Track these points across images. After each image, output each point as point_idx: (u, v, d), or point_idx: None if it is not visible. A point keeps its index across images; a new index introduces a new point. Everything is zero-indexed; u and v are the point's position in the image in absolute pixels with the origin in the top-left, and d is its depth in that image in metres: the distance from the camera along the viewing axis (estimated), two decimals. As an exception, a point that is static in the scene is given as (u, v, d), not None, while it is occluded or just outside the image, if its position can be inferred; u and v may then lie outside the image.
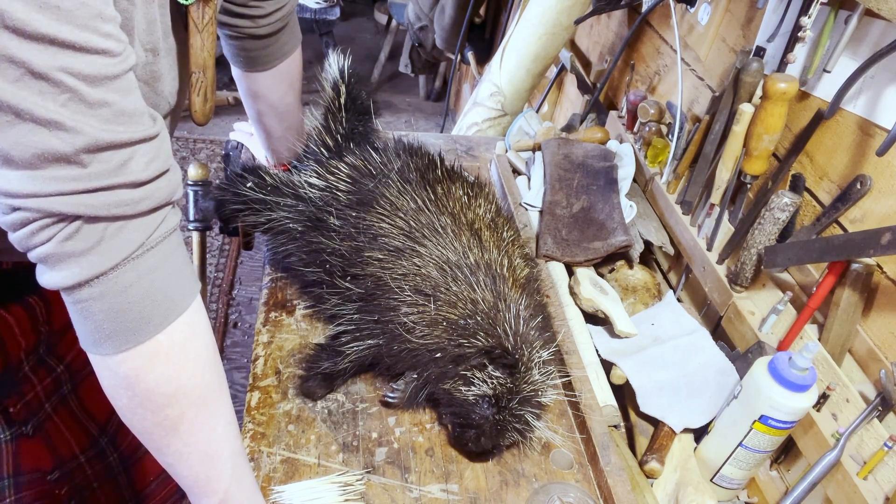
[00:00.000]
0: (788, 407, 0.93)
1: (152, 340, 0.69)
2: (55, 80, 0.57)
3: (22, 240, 0.64)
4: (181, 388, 0.72)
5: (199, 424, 0.75)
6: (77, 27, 0.57)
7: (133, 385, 0.71)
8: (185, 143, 3.70)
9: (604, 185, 1.43)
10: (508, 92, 2.07)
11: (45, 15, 0.55)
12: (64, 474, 1.11)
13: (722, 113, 1.21)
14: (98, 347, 0.69)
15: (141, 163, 0.65)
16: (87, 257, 0.64)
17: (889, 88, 0.96)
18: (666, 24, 1.64)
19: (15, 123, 0.58)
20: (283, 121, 1.29)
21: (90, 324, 0.68)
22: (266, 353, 1.12)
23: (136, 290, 0.67)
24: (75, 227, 0.63)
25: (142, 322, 0.68)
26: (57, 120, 0.58)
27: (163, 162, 0.68)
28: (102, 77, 0.60)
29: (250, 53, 1.14)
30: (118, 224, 0.65)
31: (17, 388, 1.01)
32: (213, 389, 0.77)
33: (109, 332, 0.68)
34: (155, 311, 0.69)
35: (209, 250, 3.01)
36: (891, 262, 0.96)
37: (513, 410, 0.96)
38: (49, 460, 1.08)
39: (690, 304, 1.37)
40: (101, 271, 0.65)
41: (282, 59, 1.17)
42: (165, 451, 0.76)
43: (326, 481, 0.94)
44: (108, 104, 0.61)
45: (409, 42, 4.01)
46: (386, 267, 1.03)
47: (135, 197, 0.65)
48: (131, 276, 0.67)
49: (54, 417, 1.08)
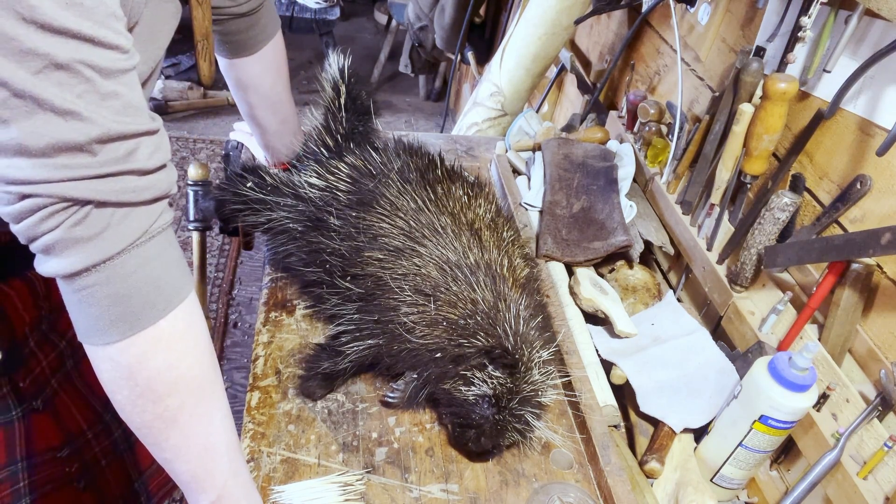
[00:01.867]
0: (788, 407, 0.93)
1: (155, 326, 0.71)
2: (75, 71, 0.61)
3: (30, 227, 0.65)
4: (182, 376, 0.74)
5: (197, 416, 0.76)
6: (96, 23, 0.62)
7: (135, 374, 0.72)
8: (185, 143, 3.70)
9: (604, 185, 1.43)
10: (508, 92, 2.07)
11: (70, 11, 0.59)
12: (73, 451, 1.14)
13: (722, 113, 1.21)
14: (101, 336, 0.70)
15: (146, 153, 0.68)
16: (93, 242, 0.67)
17: (889, 88, 0.96)
18: (666, 24, 1.64)
19: (34, 113, 0.60)
20: (276, 113, 1.29)
21: (94, 311, 0.70)
22: (266, 353, 1.12)
23: (139, 276, 0.70)
24: (85, 212, 0.66)
25: (146, 307, 0.71)
26: (74, 110, 0.62)
27: (163, 155, 0.72)
28: (115, 70, 0.64)
29: (234, 37, 1.16)
30: (124, 211, 0.68)
31: (24, 363, 1.04)
32: (210, 380, 0.78)
33: (114, 317, 0.70)
34: (159, 296, 0.72)
35: (209, 250, 3.01)
36: (891, 262, 0.96)
37: (513, 410, 0.96)
38: (59, 436, 1.11)
39: (690, 304, 1.37)
40: (108, 256, 0.68)
41: (265, 41, 1.20)
42: (164, 445, 0.77)
43: (326, 481, 0.94)
44: (118, 96, 0.65)
45: (409, 42, 4.01)
46: (386, 267, 1.03)
47: (140, 185, 0.69)
48: (135, 263, 0.70)
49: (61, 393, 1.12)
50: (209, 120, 3.95)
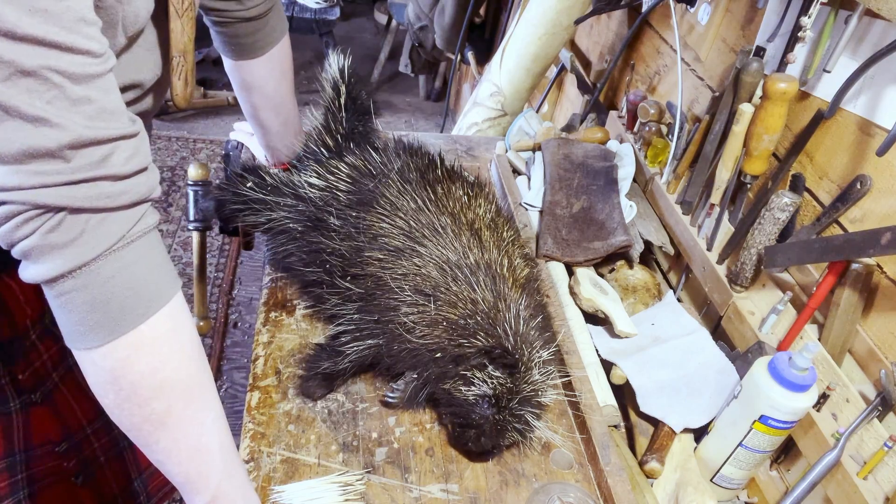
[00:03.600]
0: (788, 407, 0.93)
1: (135, 331, 0.71)
2: (43, 78, 0.60)
3: (6, 234, 0.65)
4: (167, 379, 0.74)
5: (186, 418, 0.76)
6: (64, 29, 0.61)
7: (119, 378, 0.72)
8: (185, 143, 3.70)
9: (604, 185, 1.43)
10: (508, 92, 2.07)
11: (34, 18, 0.58)
12: (72, 446, 1.14)
13: (722, 113, 1.21)
14: (82, 341, 0.71)
15: (122, 157, 0.68)
16: (69, 248, 0.66)
17: (889, 88, 0.96)
18: (666, 24, 1.64)
19: (3, 120, 0.60)
20: (279, 114, 1.29)
21: (74, 317, 0.70)
22: (266, 353, 1.12)
23: (117, 282, 0.69)
24: (59, 218, 0.65)
25: (124, 312, 0.70)
26: (43, 117, 0.61)
27: (142, 159, 0.71)
28: (87, 75, 0.64)
29: (241, 40, 1.15)
30: (100, 216, 0.68)
31: (25, 355, 1.04)
32: (198, 382, 0.78)
33: (93, 323, 0.69)
34: (137, 302, 0.71)
35: (209, 250, 3.01)
36: (891, 262, 0.96)
37: (513, 410, 0.96)
38: (57, 431, 1.11)
39: (690, 304, 1.37)
40: (83, 262, 0.67)
41: (272, 45, 1.19)
42: (155, 447, 0.77)
43: (326, 481, 0.94)
44: (91, 101, 0.64)
45: (409, 42, 4.01)
46: (386, 267, 1.03)
47: (116, 190, 0.68)
48: (112, 268, 0.69)
49: (62, 387, 1.12)
50: (209, 120, 3.95)
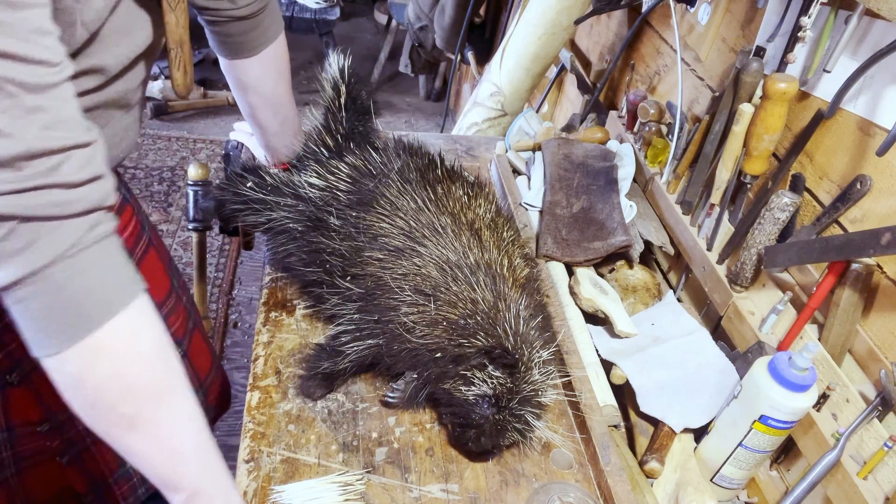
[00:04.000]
0: (788, 407, 0.93)
1: (92, 336, 0.71)
2: None
3: None
4: (132, 384, 0.74)
5: (157, 422, 0.76)
6: (19, 40, 0.61)
7: (82, 383, 0.72)
8: (185, 143, 3.70)
9: (604, 185, 1.43)
10: (508, 92, 2.07)
11: None
12: (54, 426, 1.13)
13: (722, 113, 1.21)
14: (43, 348, 0.71)
15: (74, 166, 0.68)
16: (21, 256, 0.67)
17: (889, 88, 0.96)
18: (666, 24, 1.64)
19: None
20: (277, 114, 1.29)
21: (32, 324, 0.70)
22: (266, 353, 1.12)
23: (71, 288, 0.70)
24: (9, 227, 0.65)
25: (80, 318, 0.70)
26: None
27: (96, 167, 0.70)
28: (42, 85, 0.64)
29: (234, 39, 1.15)
30: (52, 224, 0.68)
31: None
32: (167, 385, 0.77)
33: (50, 330, 0.70)
34: (92, 307, 0.71)
35: (209, 250, 3.01)
36: (891, 262, 0.96)
37: (513, 410, 0.96)
38: (37, 411, 1.10)
39: (690, 304, 1.37)
40: (35, 269, 0.67)
41: (266, 43, 1.18)
42: (127, 451, 0.77)
43: (326, 481, 0.94)
44: (45, 110, 0.64)
45: (409, 42, 4.01)
46: (386, 267, 1.03)
47: (67, 198, 0.68)
48: (65, 275, 0.69)
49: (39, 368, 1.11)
50: (209, 120, 3.95)
